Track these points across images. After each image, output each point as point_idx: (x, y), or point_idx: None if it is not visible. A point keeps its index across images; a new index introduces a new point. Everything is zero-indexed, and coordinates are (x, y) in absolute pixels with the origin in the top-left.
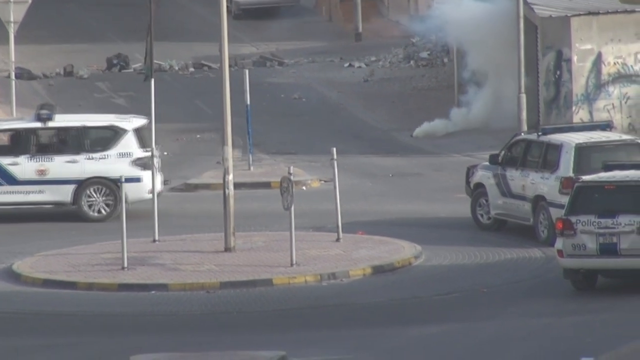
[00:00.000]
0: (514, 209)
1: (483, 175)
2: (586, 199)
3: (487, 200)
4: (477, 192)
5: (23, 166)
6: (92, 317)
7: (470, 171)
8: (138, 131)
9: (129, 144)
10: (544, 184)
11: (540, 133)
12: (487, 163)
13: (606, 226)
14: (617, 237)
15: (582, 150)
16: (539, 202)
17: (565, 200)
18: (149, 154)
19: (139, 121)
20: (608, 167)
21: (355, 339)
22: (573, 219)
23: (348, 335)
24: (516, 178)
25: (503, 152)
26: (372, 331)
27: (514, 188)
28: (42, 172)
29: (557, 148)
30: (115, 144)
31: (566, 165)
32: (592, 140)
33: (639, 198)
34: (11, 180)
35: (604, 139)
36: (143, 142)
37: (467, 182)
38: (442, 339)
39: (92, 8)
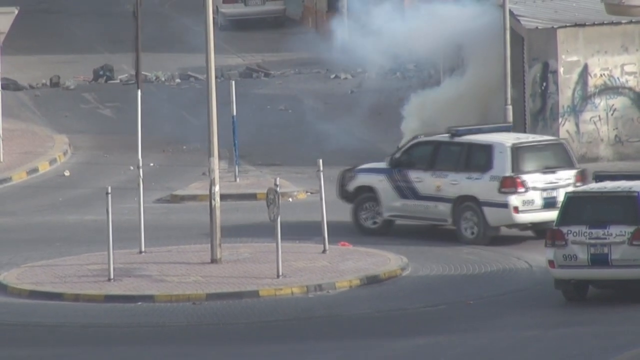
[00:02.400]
0: (420, 210)
1: (371, 179)
2: (577, 209)
3: (372, 205)
4: (362, 196)
5: None
6: (78, 328)
7: (345, 175)
8: None
9: None
10: (472, 184)
11: (453, 134)
12: (369, 166)
13: (597, 237)
14: (608, 247)
15: (517, 151)
16: (463, 202)
17: (503, 199)
18: None
19: None
20: (599, 178)
21: (341, 350)
22: (564, 229)
23: (334, 347)
24: (426, 179)
25: (399, 154)
26: (358, 343)
27: (423, 189)
28: None
29: (488, 148)
30: None
31: (502, 165)
32: (524, 140)
33: (629, 209)
34: None
35: (531, 139)
36: None
37: (342, 186)
38: (428, 351)
39: (78, 19)
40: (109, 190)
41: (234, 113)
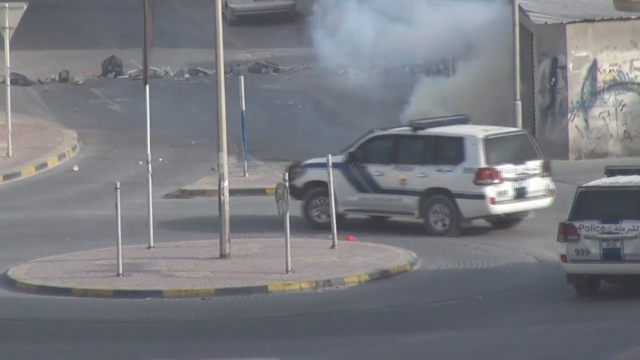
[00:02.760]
0: (381, 203)
1: (323, 174)
2: (589, 204)
3: (324, 199)
4: (312, 191)
5: None
6: (87, 323)
7: (292, 170)
8: None
9: None
10: (443, 176)
11: (416, 127)
12: (318, 161)
13: (610, 231)
14: (620, 242)
15: (489, 142)
16: (433, 194)
17: (479, 190)
18: None
19: None
20: (611, 172)
21: (350, 346)
22: (576, 224)
23: (343, 342)
24: (388, 173)
25: (354, 149)
26: (367, 338)
27: (385, 183)
28: None
29: (459, 141)
30: None
31: (475, 157)
32: (494, 132)
33: None
34: None
35: (498, 131)
36: None
37: (289, 182)
38: (437, 347)
39: (87, 14)
40: (118, 186)
41: (243, 108)
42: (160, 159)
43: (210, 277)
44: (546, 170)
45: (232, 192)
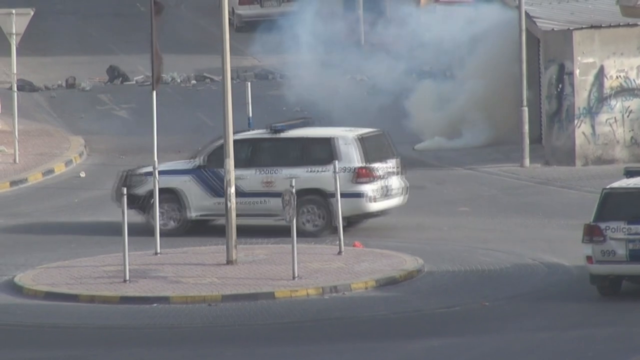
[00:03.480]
0: (242, 207)
1: (171, 180)
2: (615, 205)
3: (171, 206)
4: (159, 198)
5: None
6: (93, 329)
7: (130, 178)
8: None
9: None
10: (316, 177)
11: (277, 130)
12: (161, 168)
13: (636, 232)
14: None
15: (362, 142)
16: (304, 195)
17: (358, 189)
18: None
19: None
20: (630, 173)
21: (356, 352)
22: (602, 225)
23: (349, 348)
24: (249, 177)
25: (206, 154)
26: (373, 345)
27: (247, 186)
28: None
29: (330, 142)
30: None
31: (350, 157)
32: (360, 132)
33: None
34: None
35: (362, 131)
36: None
37: (123, 189)
38: (443, 353)
39: (94, 20)
40: (125, 192)
41: (250, 114)
42: None
43: (217, 284)
44: (402, 168)
45: None
